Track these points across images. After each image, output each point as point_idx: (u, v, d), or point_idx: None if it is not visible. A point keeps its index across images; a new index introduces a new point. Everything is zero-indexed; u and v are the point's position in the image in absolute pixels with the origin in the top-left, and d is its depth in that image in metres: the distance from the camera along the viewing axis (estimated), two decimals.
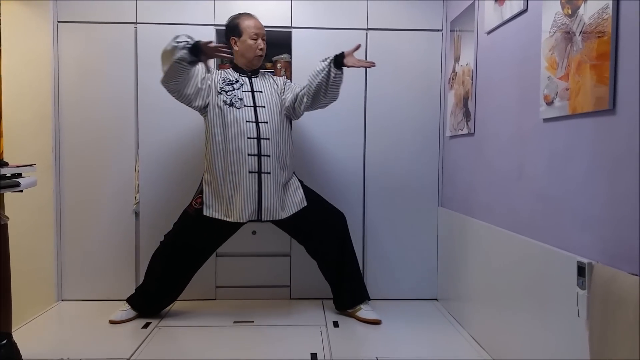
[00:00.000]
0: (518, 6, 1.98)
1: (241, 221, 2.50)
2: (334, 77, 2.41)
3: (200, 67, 2.47)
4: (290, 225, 2.67)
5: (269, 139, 2.50)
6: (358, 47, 2.42)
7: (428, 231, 3.05)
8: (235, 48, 2.59)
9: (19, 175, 1.93)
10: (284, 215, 2.56)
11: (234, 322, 2.63)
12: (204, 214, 2.52)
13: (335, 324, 2.61)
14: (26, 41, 2.60)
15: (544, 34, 1.77)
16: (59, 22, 2.88)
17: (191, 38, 2.27)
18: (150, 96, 2.89)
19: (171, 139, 2.92)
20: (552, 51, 1.71)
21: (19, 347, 1.92)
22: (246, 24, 2.55)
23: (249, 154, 2.47)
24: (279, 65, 3.04)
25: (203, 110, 2.54)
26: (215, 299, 3.00)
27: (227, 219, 2.51)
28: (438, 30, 2.99)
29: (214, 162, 2.51)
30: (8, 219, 1.97)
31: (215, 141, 2.51)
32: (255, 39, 2.56)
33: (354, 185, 3.01)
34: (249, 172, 2.47)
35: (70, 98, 2.90)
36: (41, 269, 2.78)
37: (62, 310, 2.81)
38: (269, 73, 2.75)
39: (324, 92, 2.46)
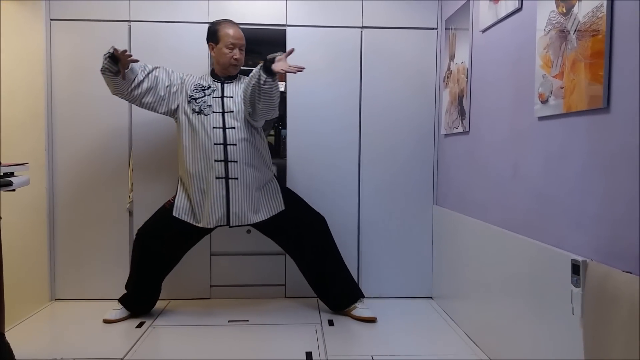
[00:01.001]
0: (513, 4, 1.98)
1: (208, 227, 2.51)
2: (263, 83, 2.28)
3: (163, 75, 2.51)
4: (269, 228, 2.68)
5: (235, 144, 2.48)
6: (292, 51, 2.34)
7: (423, 229, 3.05)
8: (212, 54, 2.58)
9: (12, 174, 1.92)
10: (256, 219, 2.56)
11: (229, 321, 2.62)
12: (173, 214, 2.53)
13: (330, 323, 2.61)
14: (18, 39, 2.57)
15: (539, 32, 1.77)
16: (51, 19, 2.86)
17: (114, 49, 2.29)
18: None
19: (165, 138, 2.91)
20: (546, 49, 1.72)
21: (12, 347, 1.90)
22: (224, 32, 2.52)
23: (215, 160, 2.47)
24: None
25: (173, 115, 2.57)
26: (209, 298, 3.00)
27: (195, 224, 2.53)
28: (433, 28, 2.99)
29: (184, 166, 2.54)
30: (0, 218, 1.96)
31: (184, 147, 2.53)
32: (231, 49, 2.51)
33: (348, 183, 3.01)
34: (216, 177, 2.47)
35: (63, 96, 2.88)
36: (34, 268, 2.76)
37: (55, 309, 2.80)
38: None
39: (257, 99, 2.35)
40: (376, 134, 3.00)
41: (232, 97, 2.55)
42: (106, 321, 2.58)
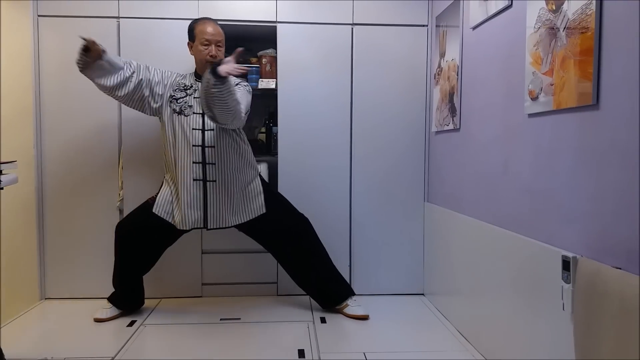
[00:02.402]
0: (503, 2, 1.99)
1: (184, 229, 2.50)
2: (212, 87, 2.14)
3: (147, 74, 2.49)
4: (251, 230, 2.67)
5: (214, 146, 2.46)
6: (239, 52, 2.24)
7: (414, 226, 3.06)
8: (191, 53, 2.56)
9: None
10: (235, 221, 2.54)
11: (221, 319, 2.62)
12: (153, 210, 2.51)
13: (323, 320, 2.61)
14: (5, 36, 2.54)
15: (529, 29, 1.78)
16: (39, 16, 2.82)
17: (83, 38, 2.29)
18: None
19: (155, 135, 2.88)
20: (536, 46, 1.72)
21: (2, 346, 1.89)
22: (199, 29, 2.49)
23: (193, 162, 2.45)
24: (264, 60, 3.01)
25: (157, 114, 2.56)
26: (201, 297, 2.99)
27: (173, 224, 2.52)
28: (424, 25, 2.99)
29: (166, 166, 2.56)
30: None
31: (166, 147, 2.53)
32: (207, 45, 2.47)
33: (340, 180, 3.01)
34: (194, 179, 2.45)
35: (52, 93, 2.85)
36: (24, 267, 2.73)
37: (45, 308, 2.78)
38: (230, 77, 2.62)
39: (211, 103, 2.20)
40: (367, 131, 3.00)
41: None
42: (97, 320, 2.56)
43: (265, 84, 2.98)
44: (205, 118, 2.46)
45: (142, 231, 2.55)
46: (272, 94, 3.02)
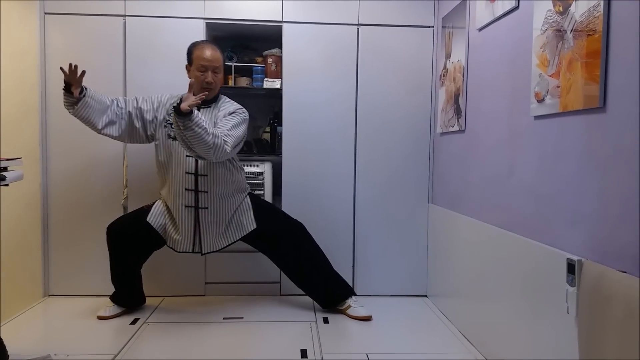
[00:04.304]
0: (509, 3, 1.98)
1: (177, 250, 2.53)
2: (183, 129, 2.10)
3: (135, 108, 2.48)
4: (249, 241, 2.67)
5: (207, 175, 2.45)
6: (192, 84, 2.17)
7: (418, 228, 3.05)
8: (189, 76, 2.49)
9: (5, 169, 1.90)
10: (227, 242, 2.56)
11: (224, 318, 2.62)
12: (147, 219, 2.52)
13: (325, 320, 2.61)
14: (12, 33, 2.55)
15: (535, 31, 1.77)
16: (45, 13, 2.83)
17: (62, 70, 2.25)
18: (138, 89, 2.85)
19: None
20: (543, 48, 1.72)
21: (5, 343, 1.89)
22: (197, 53, 2.43)
23: (186, 189, 2.45)
24: (269, 60, 3.02)
25: (154, 140, 2.55)
26: (204, 295, 2.99)
27: (164, 238, 2.54)
28: (430, 26, 2.99)
29: (160, 182, 2.57)
30: None
31: (161, 167, 2.53)
32: (203, 71, 2.42)
33: (344, 181, 3.01)
34: (185, 206, 2.46)
35: (58, 91, 2.83)
36: (28, 264, 2.74)
37: (48, 306, 2.78)
38: (229, 102, 2.55)
39: (188, 142, 2.14)
40: (372, 132, 3.00)
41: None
42: (100, 318, 2.56)
43: (270, 83, 2.98)
44: None
45: (132, 236, 2.54)
46: (277, 93, 3.02)
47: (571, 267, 1.48)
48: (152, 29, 2.87)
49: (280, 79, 2.96)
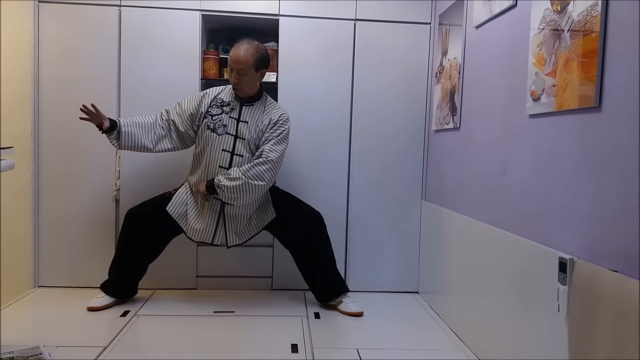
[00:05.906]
0: (507, 1, 1.98)
1: (195, 240, 2.55)
2: (223, 199, 2.42)
3: (184, 107, 2.54)
4: (269, 230, 2.71)
5: None
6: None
7: (411, 224, 3.05)
8: None
9: None
10: (247, 235, 2.62)
11: (215, 312, 2.61)
12: (166, 208, 2.54)
13: (317, 315, 2.61)
14: (6, 21, 2.52)
15: (533, 30, 1.77)
16: (40, 1, 2.80)
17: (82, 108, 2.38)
18: (132, 80, 2.84)
19: None
20: (540, 47, 1.72)
21: None
22: (230, 52, 2.48)
23: None
24: None
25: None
26: (196, 289, 2.98)
27: (183, 228, 2.56)
28: (426, 23, 2.98)
29: (192, 167, 2.60)
30: None
31: (195, 157, 2.57)
32: (230, 71, 2.48)
33: (338, 177, 3.00)
34: (214, 197, 2.49)
35: (51, 80, 2.83)
36: (18, 255, 2.72)
37: (38, 296, 2.76)
38: (272, 104, 2.61)
39: (237, 203, 2.46)
40: (367, 127, 3.00)
41: (247, 122, 2.52)
42: (90, 309, 2.55)
43: (265, 77, 2.96)
44: (237, 142, 2.50)
45: (151, 223, 2.56)
46: (272, 87, 3.00)
47: (563, 266, 1.49)
48: (148, 19, 2.85)
49: (275, 73, 2.94)
